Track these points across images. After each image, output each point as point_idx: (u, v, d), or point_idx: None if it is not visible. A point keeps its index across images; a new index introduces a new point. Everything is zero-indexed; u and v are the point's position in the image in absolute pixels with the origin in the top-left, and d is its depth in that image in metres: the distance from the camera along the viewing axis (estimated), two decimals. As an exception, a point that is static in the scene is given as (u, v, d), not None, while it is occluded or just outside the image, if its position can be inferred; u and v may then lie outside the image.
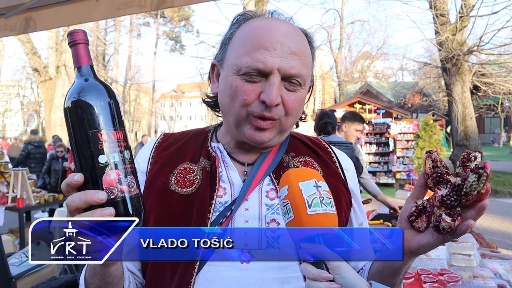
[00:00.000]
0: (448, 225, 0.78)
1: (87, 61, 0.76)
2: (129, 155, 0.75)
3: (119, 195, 0.71)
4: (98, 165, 0.71)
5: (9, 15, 4.01)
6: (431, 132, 12.19)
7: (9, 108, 51.76)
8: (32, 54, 19.04)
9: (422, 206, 0.87)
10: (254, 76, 0.95)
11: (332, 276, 0.75)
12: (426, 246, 0.85)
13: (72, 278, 3.31)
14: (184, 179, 1.05)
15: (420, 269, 2.41)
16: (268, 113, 0.96)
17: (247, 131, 0.99)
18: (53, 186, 8.08)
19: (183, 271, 0.95)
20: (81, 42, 0.76)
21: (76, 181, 0.71)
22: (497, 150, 26.92)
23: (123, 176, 0.72)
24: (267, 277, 0.94)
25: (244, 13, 1.08)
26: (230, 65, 0.99)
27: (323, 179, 0.86)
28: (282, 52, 0.95)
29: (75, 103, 0.73)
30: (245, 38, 0.98)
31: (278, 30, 0.97)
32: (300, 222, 0.79)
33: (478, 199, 0.77)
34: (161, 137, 1.19)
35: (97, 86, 0.75)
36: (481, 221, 8.14)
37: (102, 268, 0.83)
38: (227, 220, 0.98)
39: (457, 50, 13.57)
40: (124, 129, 0.76)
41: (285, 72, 0.95)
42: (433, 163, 0.87)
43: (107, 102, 0.74)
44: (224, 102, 1.02)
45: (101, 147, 0.71)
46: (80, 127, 0.72)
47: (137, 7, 3.80)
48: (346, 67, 33.35)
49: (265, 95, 0.94)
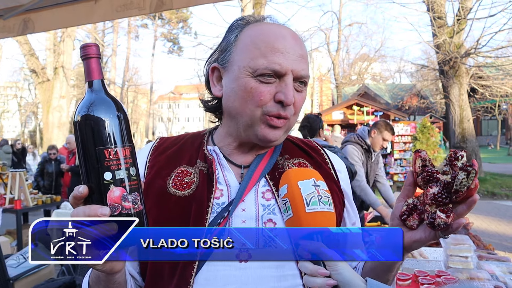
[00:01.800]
0: (443, 221, 0.81)
1: (99, 76, 0.77)
2: (134, 171, 0.76)
3: (123, 212, 0.73)
4: (103, 181, 0.72)
5: (7, 16, 4.02)
6: (428, 135, 12.24)
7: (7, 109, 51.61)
8: (30, 55, 18.99)
9: (413, 204, 0.90)
10: (269, 77, 0.99)
11: (329, 272, 0.77)
12: (418, 242, 0.88)
13: (70, 279, 3.31)
14: (182, 182, 1.06)
15: (417, 270, 2.42)
16: (284, 112, 1.00)
17: (261, 130, 1.02)
18: (46, 189, 8.07)
19: (182, 271, 0.96)
20: (93, 56, 0.76)
21: (80, 193, 0.73)
22: (494, 153, 27.01)
23: (127, 193, 0.73)
24: (264, 275, 0.96)
25: (243, 18, 1.11)
26: (243, 67, 1.01)
27: (322, 178, 0.89)
28: (293, 55, 1.01)
29: (85, 117, 0.73)
30: (257, 41, 1.01)
31: (288, 35, 1.03)
32: (298, 219, 0.82)
33: (467, 194, 0.81)
34: (157, 141, 1.21)
35: (107, 102, 0.75)
36: (478, 223, 8.17)
37: (107, 275, 0.84)
38: (224, 221, 1.00)
39: (455, 52, 13.63)
40: (131, 145, 0.77)
41: (297, 74, 1.01)
42: (422, 162, 0.90)
43: (116, 118, 0.75)
44: (234, 104, 1.04)
45: (107, 164, 0.72)
46: (87, 143, 0.73)
47: (136, 9, 3.81)
48: (344, 69, 33.45)
49: (282, 95, 0.99)
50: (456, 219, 0.82)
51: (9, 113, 52.33)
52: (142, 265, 1.06)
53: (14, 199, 6.06)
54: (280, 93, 0.99)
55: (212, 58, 1.14)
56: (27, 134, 49.01)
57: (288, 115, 1.02)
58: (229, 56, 1.06)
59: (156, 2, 3.68)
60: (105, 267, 0.78)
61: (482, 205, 10.51)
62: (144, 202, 0.79)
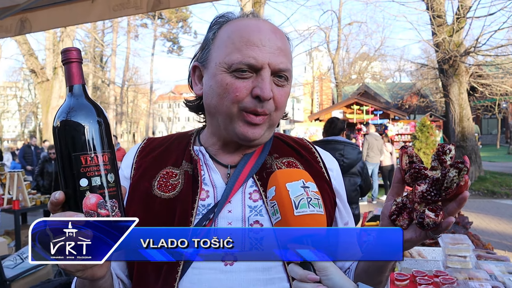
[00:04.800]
0: (432, 221, 0.79)
1: (79, 80, 0.75)
2: (113, 178, 0.74)
3: None
4: (79, 188, 0.71)
5: (4, 16, 4.00)
6: (427, 133, 12.21)
7: (7, 109, 51.64)
8: (29, 55, 18.99)
9: (402, 203, 0.87)
10: (245, 72, 0.96)
11: (319, 278, 0.75)
12: (409, 242, 0.86)
13: (66, 280, 3.29)
14: (167, 183, 1.05)
15: (415, 270, 2.40)
16: (261, 108, 0.97)
17: (239, 128, 1.00)
18: (46, 189, 8.04)
19: (166, 275, 0.94)
20: (74, 60, 0.75)
21: (56, 199, 0.72)
22: (494, 151, 26.99)
23: (103, 200, 0.72)
24: (251, 279, 0.94)
25: (223, 14, 1.09)
26: (219, 63, 0.99)
27: (311, 179, 0.86)
28: (270, 48, 0.97)
29: (63, 122, 0.72)
30: (233, 36, 0.99)
31: (265, 28, 1.00)
32: (287, 223, 0.79)
33: (457, 192, 0.78)
34: (144, 142, 1.19)
35: (87, 107, 0.74)
36: (478, 222, 8.16)
37: (91, 282, 0.84)
38: (210, 223, 0.98)
39: (454, 51, 13.60)
40: (111, 151, 0.75)
41: (275, 67, 0.97)
42: (409, 158, 0.87)
43: (96, 123, 0.74)
44: (212, 101, 1.02)
45: (83, 171, 0.71)
46: (64, 148, 0.72)
47: (133, 8, 3.79)
48: (343, 68, 33.41)
49: (258, 89, 0.95)
50: (446, 218, 0.80)
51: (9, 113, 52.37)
52: (130, 268, 1.04)
53: (12, 199, 6.04)
54: (256, 88, 0.96)
55: (195, 57, 1.12)
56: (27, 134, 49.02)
57: (267, 111, 0.99)
58: (207, 54, 1.04)
59: (153, 1, 3.66)
60: (85, 274, 0.76)
61: (482, 203, 10.50)
62: (124, 209, 0.77)
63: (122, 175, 1.11)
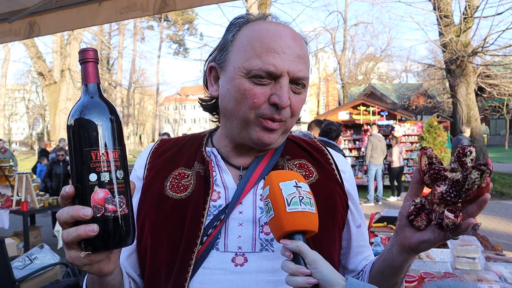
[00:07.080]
0: (451, 222, 0.78)
1: (94, 79, 0.78)
2: (122, 174, 0.76)
3: (106, 214, 0.73)
4: (88, 183, 0.73)
5: (13, 19, 4.04)
6: (435, 134, 12.13)
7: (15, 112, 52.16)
8: (37, 58, 19.18)
9: (420, 204, 0.87)
10: (264, 78, 0.96)
11: (309, 271, 0.79)
12: (427, 243, 0.86)
13: (74, 281, 3.32)
14: (179, 184, 1.05)
15: (423, 272, 2.39)
16: (278, 115, 0.97)
17: (255, 133, 1.00)
18: (54, 190, 8.11)
19: (177, 275, 0.95)
20: (90, 60, 0.78)
21: (66, 193, 0.73)
22: (503, 152, 26.75)
23: (111, 196, 0.73)
24: (260, 280, 0.94)
25: (243, 16, 1.08)
26: (237, 67, 0.98)
27: (304, 180, 0.89)
28: (290, 55, 0.97)
29: (77, 120, 0.75)
30: (253, 41, 0.98)
31: (285, 35, 0.99)
32: (279, 219, 0.83)
33: (478, 193, 0.77)
34: (158, 143, 1.20)
35: (100, 105, 0.77)
36: (486, 223, 8.09)
37: (99, 278, 0.85)
38: (220, 224, 0.98)
39: (462, 51, 13.52)
40: (122, 148, 0.77)
41: (294, 75, 0.97)
42: (428, 159, 0.87)
43: (108, 121, 0.76)
44: (228, 105, 1.02)
45: (93, 166, 0.73)
46: (77, 145, 0.74)
47: (139, 11, 3.82)
48: (350, 69, 33.35)
49: (276, 97, 0.95)
50: (465, 219, 0.79)
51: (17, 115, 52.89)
52: (142, 268, 1.05)
53: (21, 201, 6.10)
54: (274, 96, 0.96)
55: (211, 56, 1.11)
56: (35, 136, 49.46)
57: (283, 118, 0.99)
58: (226, 56, 1.04)
59: (159, 3, 3.68)
60: (93, 269, 0.77)
61: (491, 205, 10.40)
62: (131, 206, 0.78)
63: (136, 175, 1.12)
